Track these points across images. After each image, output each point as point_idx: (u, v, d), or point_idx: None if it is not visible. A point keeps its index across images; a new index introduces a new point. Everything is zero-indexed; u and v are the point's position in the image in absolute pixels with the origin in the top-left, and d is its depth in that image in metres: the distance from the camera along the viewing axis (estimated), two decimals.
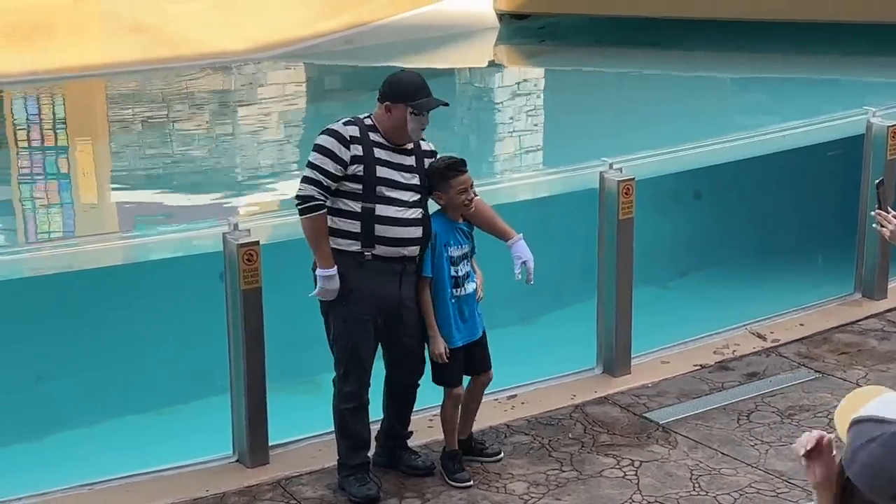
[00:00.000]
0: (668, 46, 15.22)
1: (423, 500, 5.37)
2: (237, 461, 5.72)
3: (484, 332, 5.56)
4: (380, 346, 5.42)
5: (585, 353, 6.70)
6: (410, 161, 5.31)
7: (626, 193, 6.40)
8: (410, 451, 5.66)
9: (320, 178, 5.13)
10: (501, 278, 5.55)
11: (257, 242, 5.50)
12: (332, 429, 5.50)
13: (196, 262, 6.41)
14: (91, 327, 6.89)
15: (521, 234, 5.52)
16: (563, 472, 5.61)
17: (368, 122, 5.28)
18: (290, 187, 5.29)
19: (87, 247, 6.81)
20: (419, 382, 5.57)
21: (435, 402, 5.77)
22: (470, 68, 15.76)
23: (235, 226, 5.60)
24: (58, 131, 12.53)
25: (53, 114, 13.35)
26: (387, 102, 5.25)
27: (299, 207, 5.16)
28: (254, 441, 5.67)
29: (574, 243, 7.26)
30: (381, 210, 5.18)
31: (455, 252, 5.39)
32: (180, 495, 5.41)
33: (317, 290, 5.22)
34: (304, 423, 5.96)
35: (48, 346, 6.77)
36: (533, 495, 5.41)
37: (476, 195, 5.49)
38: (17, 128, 12.56)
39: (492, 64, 15.81)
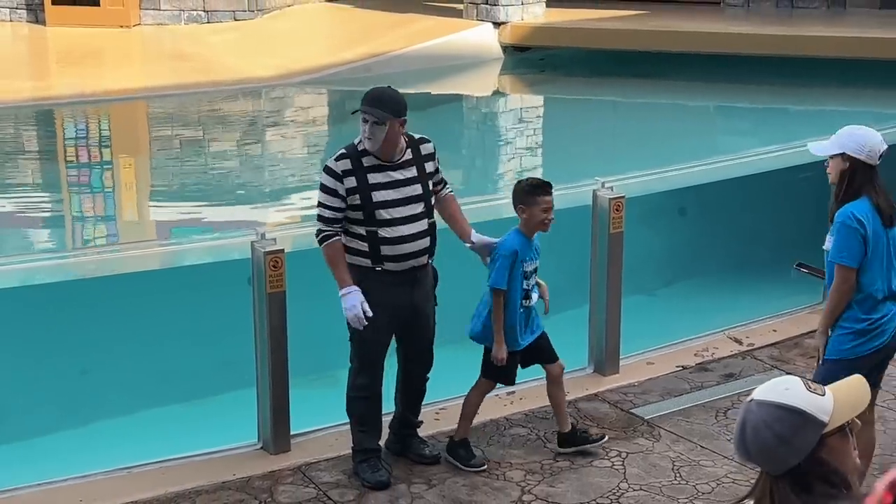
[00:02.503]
0: (656, 77, 15.22)
1: (430, 486, 5.37)
2: (261, 448, 5.72)
3: (544, 329, 5.57)
4: (393, 341, 5.40)
5: (578, 354, 6.69)
6: (409, 173, 5.17)
7: (616, 210, 6.40)
8: (420, 440, 5.65)
9: (325, 213, 5.13)
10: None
11: (282, 250, 5.51)
12: (348, 418, 5.48)
13: (226, 267, 6.41)
14: (131, 326, 6.89)
15: (475, 231, 5.45)
16: (557, 461, 5.61)
17: (361, 146, 5.14)
18: (314, 201, 5.28)
19: (128, 253, 6.83)
20: (429, 375, 5.55)
21: (442, 397, 5.76)
22: (477, 95, 15.77)
23: (262, 235, 5.61)
24: (103, 148, 12.55)
25: (99, 132, 13.38)
26: None
27: (317, 240, 5.18)
28: (277, 430, 5.67)
29: (569, 255, 7.24)
30: (384, 232, 5.11)
31: (528, 267, 5.40)
32: (210, 478, 5.42)
33: (346, 315, 5.13)
34: (323, 415, 5.95)
35: (92, 343, 6.77)
36: (529, 482, 5.40)
37: (451, 191, 5.44)
38: (67, 144, 12.58)
39: (496, 92, 15.81)
